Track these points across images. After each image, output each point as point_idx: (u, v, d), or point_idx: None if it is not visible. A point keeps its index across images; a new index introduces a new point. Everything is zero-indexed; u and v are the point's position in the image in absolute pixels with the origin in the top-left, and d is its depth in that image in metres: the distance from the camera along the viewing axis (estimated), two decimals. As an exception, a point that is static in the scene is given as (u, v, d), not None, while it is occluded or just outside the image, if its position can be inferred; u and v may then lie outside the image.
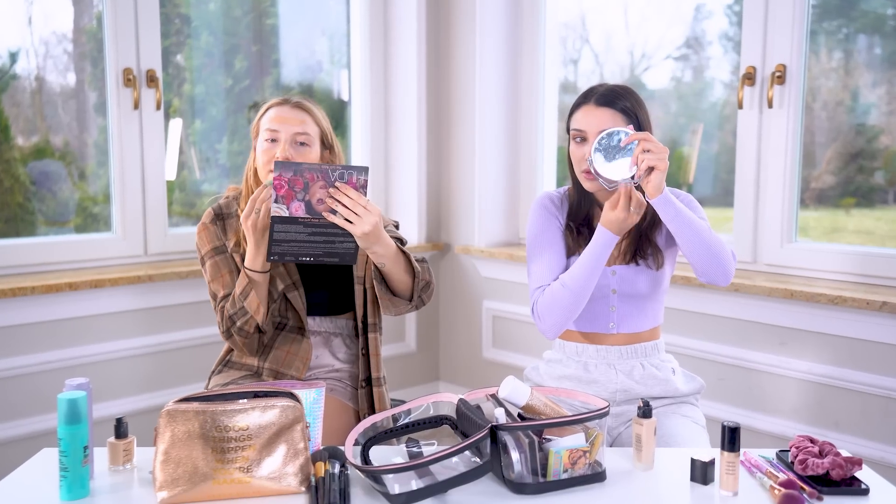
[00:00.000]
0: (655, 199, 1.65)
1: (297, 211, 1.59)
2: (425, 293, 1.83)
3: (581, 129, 1.76)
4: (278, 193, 1.57)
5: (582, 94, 1.81)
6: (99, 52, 2.77)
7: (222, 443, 1.33)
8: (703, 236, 1.69)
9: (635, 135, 1.65)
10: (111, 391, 2.68)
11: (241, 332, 1.80)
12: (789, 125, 2.57)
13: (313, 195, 1.59)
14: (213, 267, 1.86)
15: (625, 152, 1.65)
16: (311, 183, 1.58)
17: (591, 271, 1.73)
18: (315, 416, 1.47)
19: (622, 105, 1.75)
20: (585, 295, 1.74)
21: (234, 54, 3.15)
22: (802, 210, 2.65)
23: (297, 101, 1.86)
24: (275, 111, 1.84)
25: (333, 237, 1.64)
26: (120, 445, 1.46)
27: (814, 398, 2.49)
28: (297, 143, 1.82)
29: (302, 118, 1.84)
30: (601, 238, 1.72)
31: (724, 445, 1.38)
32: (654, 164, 1.62)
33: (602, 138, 1.66)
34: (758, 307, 2.56)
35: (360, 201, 1.60)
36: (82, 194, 2.84)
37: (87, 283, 2.55)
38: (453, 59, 3.37)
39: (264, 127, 1.84)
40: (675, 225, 1.68)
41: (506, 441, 1.36)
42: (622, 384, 1.83)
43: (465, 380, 3.49)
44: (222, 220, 1.90)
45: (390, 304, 1.79)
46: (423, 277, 1.79)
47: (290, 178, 1.57)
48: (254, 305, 1.77)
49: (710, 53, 3.03)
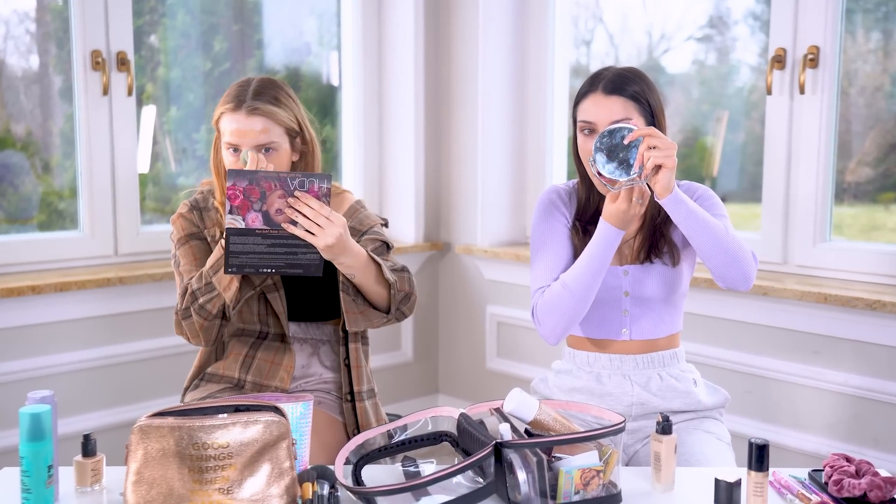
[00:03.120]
0: (665, 198, 1.65)
1: (253, 222, 1.61)
2: (405, 305, 1.83)
3: (589, 121, 1.76)
4: (233, 204, 1.59)
5: (587, 80, 1.81)
6: (65, 33, 2.77)
7: (200, 461, 1.33)
8: (719, 237, 1.69)
9: (639, 131, 1.65)
10: (78, 405, 2.68)
11: (201, 311, 1.76)
12: (823, 112, 2.57)
13: (271, 205, 1.60)
14: (186, 252, 1.86)
15: (629, 150, 1.65)
16: (268, 192, 1.60)
17: (594, 270, 1.73)
18: (302, 432, 1.47)
19: (632, 91, 1.76)
20: (588, 297, 1.75)
21: (214, 35, 3.15)
22: (837, 206, 2.65)
23: (252, 106, 1.80)
24: (230, 121, 1.80)
25: (295, 248, 1.65)
26: (88, 464, 1.46)
27: (850, 412, 2.48)
28: (264, 152, 1.80)
29: (260, 126, 1.79)
30: (603, 233, 1.72)
31: (752, 464, 1.38)
32: (661, 161, 1.62)
33: (603, 136, 1.66)
34: (788, 312, 2.56)
35: (321, 211, 1.62)
36: (46, 188, 2.84)
37: (52, 286, 2.55)
38: (454, 40, 3.37)
39: (224, 136, 1.82)
40: (688, 226, 1.68)
41: (511, 460, 1.36)
42: (638, 397, 1.83)
43: (467, 392, 3.49)
44: (199, 212, 1.91)
45: (361, 317, 1.80)
46: (401, 288, 1.80)
47: (246, 187, 1.59)
48: (225, 281, 1.73)
49: (735, 34, 3.03)
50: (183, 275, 1.85)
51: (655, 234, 1.83)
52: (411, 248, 3.37)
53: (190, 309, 1.78)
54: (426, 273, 3.50)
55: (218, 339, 1.84)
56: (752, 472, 1.37)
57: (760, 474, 1.37)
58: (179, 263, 1.87)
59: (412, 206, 3.41)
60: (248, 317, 1.90)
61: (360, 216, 1.93)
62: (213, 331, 1.80)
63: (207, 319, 1.78)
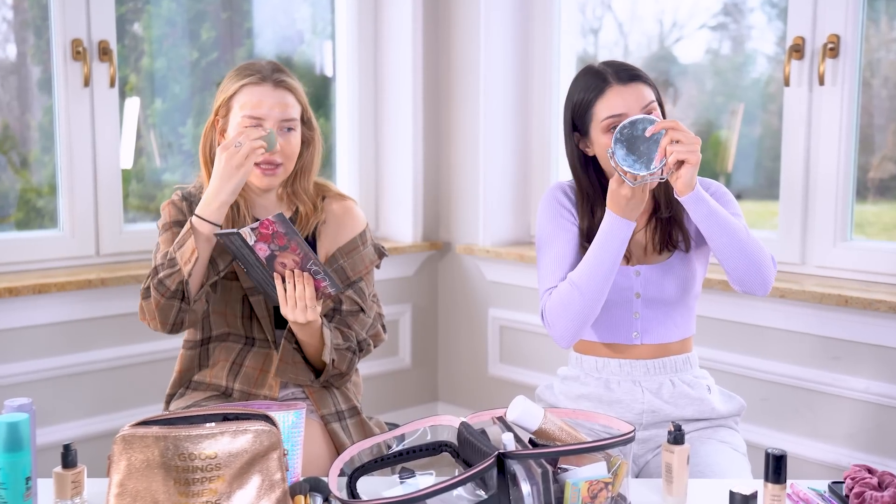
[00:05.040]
0: (686, 196, 1.66)
1: (259, 251, 1.68)
2: (335, 380, 1.91)
3: (618, 114, 1.75)
4: (260, 230, 1.65)
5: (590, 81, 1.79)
6: (43, 21, 2.77)
7: (186, 473, 1.33)
8: (740, 239, 1.70)
9: (662, 123, 1.65)
10: (58, 413, 2.68)
11: (160, 286, 1.76)
12: (844, 105, 2.57)
13: (281, 257, 1.69)
14: (167, 238, 1.87)
15: (650, 143, 1.65)
16: (288, 251, 1.68)
17: (603, 265, 1.73)
18: (294, 442, 1.47)
19: (644, 76, 1.80)
20: (599, 295, 1.75)
21: (201, 23, 3.15)
22: (859, 203, 2.66)
23: (279, 79, 1.86)
24: (254, 94, 1.83)
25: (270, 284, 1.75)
26: (68, 476, 1.46)
27: (872, 421, 2.49)
28: (283, 129, 1.85)
29: (286, 101, 1.85)
30: (609, 223, 1.73)
31: (769, 476, 1.38)
32: (684, 157, 1.63)
33: (625, 127, 1.67)
34: (807, 316, 2.57)
35: (308, 302, 1.71)
36: (24, 185, 2.84)
37: (30, 287, 2.55)
38: (454, 28, 3.37)
39: (242, 111, 1.83)
40: (708, 226, 1.69)
41: (515, 471, 1.36)
42: (649, 404, 1.83)
43: (468, 400, 3.50)
44: (189, 203, 1.92)
45: (292, 368, 1.85)
46: (337, 366, 1.85)
47: (280, 232, 1.66)
48: (187, 254, 1.74)
49: (751, 22, 3.03)
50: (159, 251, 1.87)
51: (668, 224, 1.83)
52: (409, 247, 3.37)
53: (150, 286, 1.79)
54: (425, 274, 3.50)
55: (177, 326, 1.82)
56: (769, 485, 1.37)
57: (778, 486, 1.37)
58: (158, 249, 1.88)
59: (410, 204, 3.41)
60: (232, 321, 1.91)
61: (354, 258, 1.93)
62: (170, 312, 1.79)
63: (164, 296, 1.77)
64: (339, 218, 1.97)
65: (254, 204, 1.92)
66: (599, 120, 1.77)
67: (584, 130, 1.81)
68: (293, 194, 1.94)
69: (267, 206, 1.94)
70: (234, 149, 1.75)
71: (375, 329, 1.96)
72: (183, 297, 1.77)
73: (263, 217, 1.92)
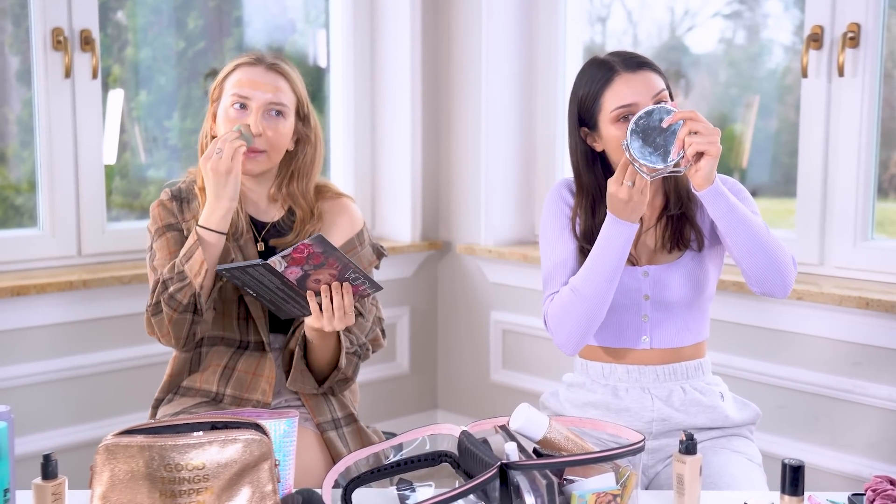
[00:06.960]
0: (704, 190, 1.66)
1: (290, 275, 1.70)
2: (339, 386, 1.93)
3: (629, 103, 1.75)
4: (293, 255, 1.67)
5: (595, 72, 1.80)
6: (22, 9, 2.77)
7: (173, 485, 1.33)
8: (760, 238, 1.70)
9: (680, 113, 1.65)
10: (38, 422, 2.68)
11: (171, 301, 1.79)
12: (864, 97, 2.58)
13: (316, 275, 1.71)
14: (162, 245, 1.89)
15: (666, 135, 1.65)
16: (326, 266, 1.70)
17: (605, 270, 1.73)
18: (286, 452, 1.47)
19: (653, 63, 1.80)
20: (601, 301, 1.75)
21: (187, 11, 3.15)
22: (880, 201, 2.66)
23: (273, 63, 1.91)
24: (245, 73, 1.89)
25: (293, 301, 1.77)
26: (48, 488, 1.46)
27: (894, 430, 2.49)
28: (271, 113, 1.88)
29: (277, 84, 1.89)
30: (609, 227, 1.73)
31: (786, 488, 1.38)
32: (703, 148, 1.63)
33: (640, 117, 1.66)
34: (826, 319, 2.57)
35: (347, 310, 1.73)
36: (2, 181, 2.84)
37: (8, 289, 2.55)
38: (454, 16, 3.37)
39: (231, 90, 1.88)
40: (727, 222, 1.69)
41: (519, 483, 1.36)
42: (659, 412, 1.83)
43: (469, 408, 3.50)
44: (180, 202, 1.93)
45: (300, 377, 1.88)
46: (343, 371, 1.88)
47: (317, 252, 1.67)
48: (196, 266, 1.76)
49: (767, 10, 3.03)
50: (157, 269, 1.87)
51: (679, 221, 1.83)
52: (407, 247, 3.37)
53: (161, 303, 1.80)
54: (424, 275, 3.50)
55: (190, 339, 1.85)
56: (786, 497, 1.37)
57: (795, 499, 1.37)
58: (155, 257, 1.89)
59: (408, 201, 3.41)
60: (227, 323, 1.91)
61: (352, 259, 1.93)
62: (184, 326, 1.82)
63: (177, 311, 1.79)
64: (334, 217, 1.97)
65: (246, 200, 1.94)
66: (608, 111, 1.77)
67: (592, 124, 1.81)
68: (289, 196, 1.95)
69: (258, 203, 1.95)
70: (217, 157, 1.77)
71: (374, 333, 1.96)
72: (195, 309, 1.80)
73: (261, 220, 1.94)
